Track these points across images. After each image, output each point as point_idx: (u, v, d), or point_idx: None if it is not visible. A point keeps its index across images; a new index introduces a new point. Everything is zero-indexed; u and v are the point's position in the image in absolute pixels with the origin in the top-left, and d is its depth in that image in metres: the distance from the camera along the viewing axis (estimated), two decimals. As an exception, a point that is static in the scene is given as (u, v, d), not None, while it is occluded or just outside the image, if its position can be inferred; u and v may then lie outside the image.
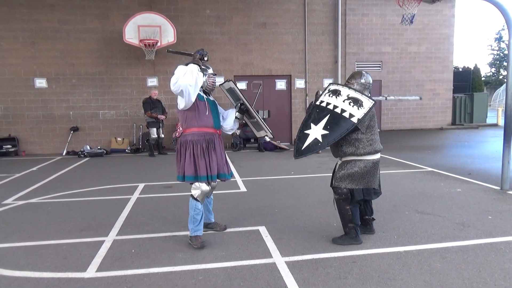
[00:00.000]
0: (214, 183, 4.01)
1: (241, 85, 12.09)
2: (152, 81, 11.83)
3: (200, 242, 3.78)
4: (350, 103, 3.69)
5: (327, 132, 3.66)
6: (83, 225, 4.60)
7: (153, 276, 3.26)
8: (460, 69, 28.02)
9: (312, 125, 3.76)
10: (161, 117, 10.49)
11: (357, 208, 3.86)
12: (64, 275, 3.30)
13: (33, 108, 11.28)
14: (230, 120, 4.17)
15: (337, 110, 3.71)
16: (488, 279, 3.09)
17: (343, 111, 3.68)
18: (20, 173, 8.17)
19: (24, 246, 3.99)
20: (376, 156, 3.81)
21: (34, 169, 8.67)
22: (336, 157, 3.97)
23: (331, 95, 3.84)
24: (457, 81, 17.39)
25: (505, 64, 39.43)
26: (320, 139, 3.67)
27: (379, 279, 3.12)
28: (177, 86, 3.55)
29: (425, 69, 14.57)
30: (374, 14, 13.79)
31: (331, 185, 3.98)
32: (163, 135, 10.75)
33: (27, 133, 11.32)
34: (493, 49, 47.73)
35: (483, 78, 31.66)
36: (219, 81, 12.05)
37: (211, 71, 3.96)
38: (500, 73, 45.51)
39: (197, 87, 3.69)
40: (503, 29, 45.56)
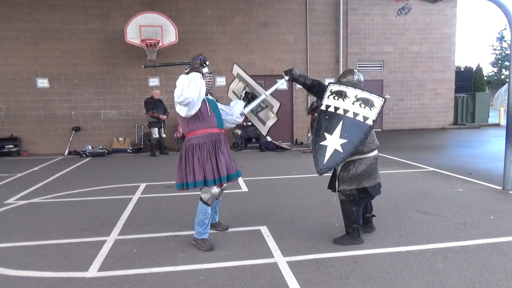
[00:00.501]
0: (225, 184, 3.93)
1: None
2: (154, 81, 11.84)
3: (208, 245, 3.75)
4: (360, 104, 3.50)
5: (345, 140, 3.44)
6: (84, 225, 4.61)
7: (154, 275, 3.27)
8: (462, 69, 27.96)
9: (327, 135, 3.52)
10: (162, 117, 10.50)
11: (361, 209, 3.87)
12: (65, 275, 3.31)
13: (35, 108, 11.30)
14: (238, 108, 4.02)
15: (349, 114, 3.51)
16: (490, 279, 3.08)
17: (355, 114, 3.49)
18: (22, 173, 8.19)
19: (26, 246, 3.99)
20: (376, 152, 3.85)
21: (36, 169, 8.69)
22: None
23: (336, 97, 3.62)
24: (459, 80, 17.34)
25: (507, 63, 39.38)
26: (341, 149, 3.43)
27: (381, 279, 3.11)
28: (182, 98, 3.43)
29: (427, 68, 14.55)
30: (375, 14, 13.77)
31: (330, 187, 3.97)
32: (164, 135, 10.76)
33: (29, 133, 11.35)
34: (495, 49, 47.60)
35: (485, 78, 31.58)
36: (220, 80, 12.20)
37: (206, 70, 3.76)
38: (502, 72, 45.37)
39: (201, 97, 3.59)
40: (505, 28, 45.41)
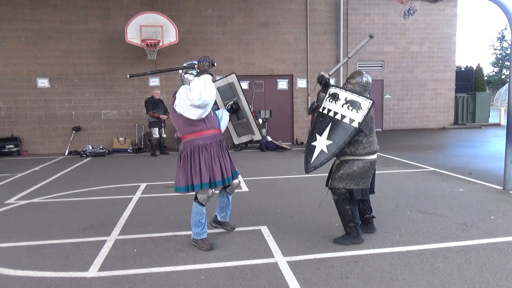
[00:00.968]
0: (236, 180, 4.01)
1: (243, 85, 12.08)
2: (154, 81, 11.84)
3: (209, 245, 3.75)
4: (348, 107, 3.63)
5: (331, 142, 3.64)
6: (85, 225, 4.61)
7: (155, 275, 3.27)
8: (463, 69, 27.95)
9: (318, 136, 3.73)
10: (163, 117, 10.51)
11: (356, 207, 3.87)
12: (66, 275, 3.31)
13: (35, 108, 11.31)
14: (226, 120, 4.12)
15: (338, 116, 3.66)
16: (490, 279, 3.08)
17: (343, 117, 3.63)
18: (23, 173, 8.19)
19: (26, 246, 4.00)
20: (374, 156, 3.82)
21: (37, 169, 8.70)
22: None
23: (331, 100, 3.76)
24: (459, 80, 17.33)
25: (507, 63, 39.36)
26: (326, 150, 3.66)
27: (381, 279, 3.11)
28: (201, 101, 3.46)
29: (427, 68, 14.54)
30: (376, 14, 13.77)
31: (327, 185, 3.99)
32: (165, 135, 10.76)
33: (30, 133, 11.35)
34: (495, 49, 47.57)
35: (485, 78, 31.56)
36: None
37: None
38: (503, 72, 45.34)
39: (214, 98, 3.64)
40: (505, 28, 45.38)
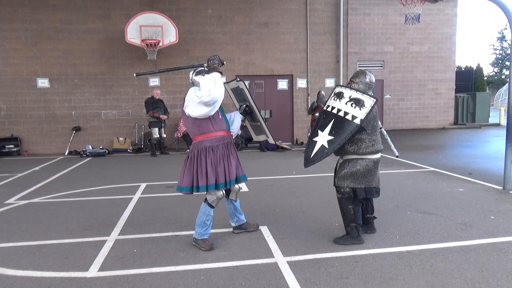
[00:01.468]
0: (239, 184, 4.00)
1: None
2: (154, 81, 11.84)
3: (209, 245, 3.76)
4: (352, 104, 3.68)
5: (332, 137, 3.67)
6: (85, 225, 4.61)
7: (155, 275, 3.27)
8: (463, 69, 27.96)
9: (319, 132, 3.78)
10: (163, 117, 10.51)
11: (359, 208, 3.87)
12: (66, 275, 3.31)
13: (35, 108, 11.30)
14: (237, 124, 4.10)
15: (341, 113, 3.71)
16: (490, 279, 3.08)
17: (346, 113, 3.68)
18: (23, 173, 8.19)
19: (26, 246, 4.00)
20: (377, 156, 3.82)
21: (36, 169, 8.70)
22: (337, 155, 3.97)
23: (335, 98, 3.83)
24: (459, 80, 17.35)
25: (507, 63, 39.36)
26: (326, 145, 3.68)
27: (381, 279, 3.11)
28: (210, 98, 3.47)
29: (427, 68, 14.55)
30: (376, 14, 13.78)
31: (334, 184, 3.99)
32: (165, 135, 10.76)
33: (29, 133, 11.35)
34: (495, 49, 47.58)
35: (485, 78, 31.56)
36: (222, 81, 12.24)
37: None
38: (503, 72, 45.34)
39: (223, 96, 3.64)
40: (505, 28, 45.39)
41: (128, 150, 11.38)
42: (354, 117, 3.64)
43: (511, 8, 5.74)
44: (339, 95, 3.80)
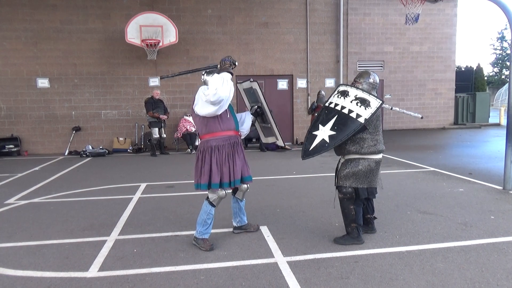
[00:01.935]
0: (245, 185, 4.00)
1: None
2: (154, 81, 11.83)
3: (209, 245, 3.76)
4: (357, 103, 3.68)
5: (334, 132, 3.66)
6: (85, 225, 4.61)
7: (155, 275, 3.27)
8: (463, 69, 27.97)
9: (320, 126, 3.76)
10: (163, 117, 10.51)
11: (360, 208, 3.87)
12: (66, 275, 3.31)
13: (35, 108, 11.30)
14: (247, 125, 4.09)
15: (345, 110, 3.70)
16: (490, 279, 3.08)
17: (350, 111, 3.67)
18: (23, 173, 8.19)
19: (26, 246, 4.00)
20: (379, 156, 3.82)
21: (37, 169, 8.70)
22: (338, 155, 3.97)
23: (339, 96, 3.83)
24: (459, 80, 17.35)
25: (507, 63, 39.35)
26: (327, 140, 3.67)
27: (381, 279, 3.11)
28: (217, 97, 3.46)
29: (427, 68, 14.56)
30: (376, 14, 13.78)
31: (336, 184, 3.99)
32: (165, 135, 10.76)
33: (30, 133, 11.35)
34: (495, 49, 47.60)
35: (485, 78, 31.56)
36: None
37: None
38: (503, 72, 45.34)
39: (231, 97, 3.61)
40: (505, 28, 45.40)
41: (128, 150, 11.38)
42: (358, 115, 3.63)
43: (511, 8, 5.74)
44: (344, 93, 3.81)
